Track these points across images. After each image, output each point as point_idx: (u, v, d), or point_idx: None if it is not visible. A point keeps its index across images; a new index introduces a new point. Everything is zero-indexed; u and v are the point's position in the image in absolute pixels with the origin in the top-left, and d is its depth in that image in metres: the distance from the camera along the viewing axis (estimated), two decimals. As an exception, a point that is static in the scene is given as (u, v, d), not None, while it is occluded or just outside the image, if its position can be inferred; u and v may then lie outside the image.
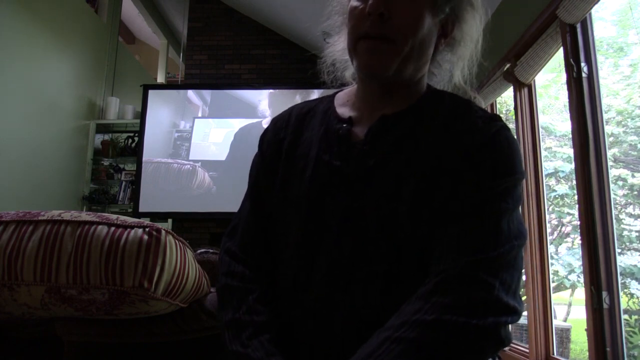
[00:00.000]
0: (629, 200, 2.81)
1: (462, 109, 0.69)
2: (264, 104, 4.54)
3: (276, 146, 0.77)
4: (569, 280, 3.23)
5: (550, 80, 3.21)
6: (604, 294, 1.77)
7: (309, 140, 0.74)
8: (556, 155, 3.32)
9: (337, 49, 0.79)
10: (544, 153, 2.61)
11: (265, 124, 4.48)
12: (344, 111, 0.75)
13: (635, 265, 2.55)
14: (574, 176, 1.99)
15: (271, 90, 4.58)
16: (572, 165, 1.97)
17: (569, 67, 1.99)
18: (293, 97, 4.50)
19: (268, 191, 0.76)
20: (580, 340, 3.28)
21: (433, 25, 0.66)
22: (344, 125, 0.72)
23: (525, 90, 2.58)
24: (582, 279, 1.94)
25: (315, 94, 4.51)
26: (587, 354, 1.85)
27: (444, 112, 0.69)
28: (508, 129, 0.67)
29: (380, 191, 0.65)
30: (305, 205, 0.69)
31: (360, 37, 0.66)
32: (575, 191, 2.01)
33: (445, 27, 0.69)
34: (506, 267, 0.58)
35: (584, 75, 1.95)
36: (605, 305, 1.76)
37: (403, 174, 0.65)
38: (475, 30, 0.71)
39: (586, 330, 1.85)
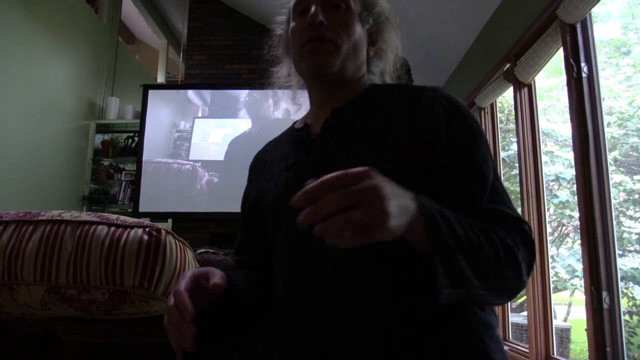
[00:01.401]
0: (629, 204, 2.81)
1: (405, 88, 0.79)
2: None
3: (253, 174, 0.90)
4: (572, 285, 3.23)
5: (553, 86, 3.21)
6: (604, 294, 1.77)
7: (277, 159, 0.83)
8: (556, 161, 3.32)
9: (281, 74, 0.92)
10: (544, 158, 2.61)
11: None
12: (301, 123, 0.85)
13: (637, 269, 2.54)
14: (574, 181, 1.99)
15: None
16: (573, 171, 1.97)
17: (568, 67, 1.99)
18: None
19: (257, 201, 0.85)
20: (580, 340, 3.28)
21: (362, 32, 0.80)
22: (302, 130, 0.82)
23: (525, 90, 2.59)
24: (582, 282, 1.94)
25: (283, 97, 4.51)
26: (587, 354, 1.85)
27: (390, 94, 0.77)
28: (438, 87, 0.75)
29: (344, 167, 0.67)
30: (282, 208, 0.75)
31: (304, 44, 0.76)
32: (575, 196, 2.00)
33: (371, 36, 0.83)
34: (500, 191, 0.68)
35: (584, 75, 1.95)
36: (605, 306, 1.76)
37: (364, 153, 0.70)
38: (395, 40, 0.85)
39: (586, 330, 1.85)
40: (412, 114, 0.71)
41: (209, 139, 4.50)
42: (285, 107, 4.48)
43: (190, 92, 4.63)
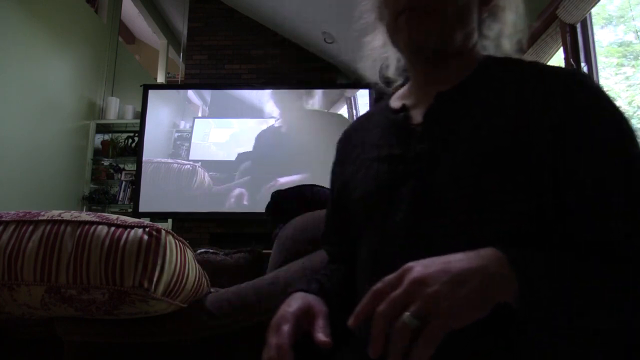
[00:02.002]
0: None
1: (532, 68, 0.62)
2: (270, 105, 4.54)
3: (342, 155, 0.78)
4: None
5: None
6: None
7: (369, 142, 0.71)
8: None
9: (375, 46, 0.76)
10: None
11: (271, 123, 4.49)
12: (398, 103, 0.71)
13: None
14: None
15: (276, 90, 4.58)
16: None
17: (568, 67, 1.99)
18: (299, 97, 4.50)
19: (341, 193, 0.75)
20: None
21: None
22: (400, 114, 0.68)
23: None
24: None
25: (316, 94, 4.51)
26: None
27: (511, 76, 0.62)
28: (584, 74, 0.61)
29: (449, 172, 0.58)
30: (373, 206, 0.65)
31: (398, 13, 0.62)
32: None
33: None
34: None
35: (584, 75, 1.95)
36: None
37: (472, 150, 0.58)
38: None
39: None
40: (540, 106, 0.57)
41: (209, 139, 4.50)
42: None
43: (190, 92, 4.63)
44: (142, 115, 4.47)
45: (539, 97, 0.57)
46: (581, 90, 0.57)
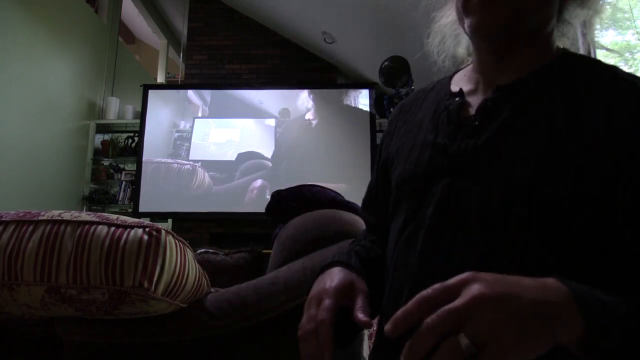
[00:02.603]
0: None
1: (607, 75, 0.55)
2: (269, 105, 4.55)
3: (392, 127, 0.74)
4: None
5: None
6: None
7: (420, 121, 0.67)
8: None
9: (444, 23, 0.71)
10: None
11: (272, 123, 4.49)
12: (457, 86, 0.65)
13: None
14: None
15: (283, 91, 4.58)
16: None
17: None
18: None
19: (384, 166, 0.72)
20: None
21: None
22: (455, 99, 0.63)
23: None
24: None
25: (316, 94, 4.51)
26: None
27: (580, 80, 0.55)
28: None
29: (489, 176, 0.54)
30: (407, 192, 0.63)
31: None
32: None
33: None
34: None
35: (584, 75, 1.95)
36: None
37: (520, 156, 0.53)
38: None
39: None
40: (613, 119, 0.50)
41: (209, 139, 4.50)
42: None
43: (190, 92, 4.63)
44: (142, 115, 4.47)
45: (614, 113, 0.51)
46: None
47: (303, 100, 4.52)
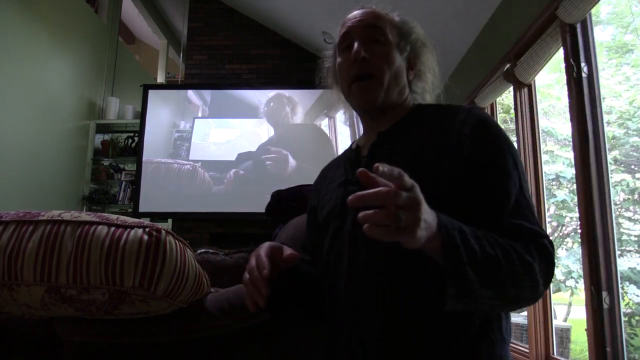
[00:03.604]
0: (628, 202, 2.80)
1: (443, 109, 0.86)
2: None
3: (318, 186, 0.99)
4: (567, 286, 3.22)
5: (553, 80, 3.20)
6: (604, 294, 1.77)
7: (333, 175, 0.94)
8: (557, 159, 3.30)
9: (333, 101, 1.02)
10: (544, 157, 2.61)
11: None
12: (354, 144, 0.94)
13: (633, 269, 2.54)
14: (574, 180, 1.99)
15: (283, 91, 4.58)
16: (573, 170, 1.97)
17: (569, 67, 1.99)
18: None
19: (314, 214, 0.96)
20: (580, 340, 3.27)
21: (401, 60, 0.88)
22: (354, 151, 0.91)
23: (525, 90, 2.58)
24: (580, 283, 1.94)
25: (317, 94, 4.51)
26: (587, 354, 1.85)
27: (430, 115, 0.86)
28: (476, 107, 0.82)
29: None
30: (333, 217, 0.85)
31: (351, 81, 0.85)
32: (574, 195, 2.01)
33: (410, 62, 0.91)
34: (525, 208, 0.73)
35: (584, 75, 1.95)
36: (605, 306, 1.76)
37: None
38: (431, 61, 0.94)
39: (586, 330, 1.85)
40: (445, 134, 0.78)
41: (209, 139, 4.50)
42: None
43: (190, 92, 4.63)
44: (142, 115, 4.47)
45: (445, 130, 0.78)
46: (471, 122, 0.78)
47: (307, 99, 4.52)
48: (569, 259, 3.26)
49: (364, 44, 0.85)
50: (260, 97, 4.56)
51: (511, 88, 2.66)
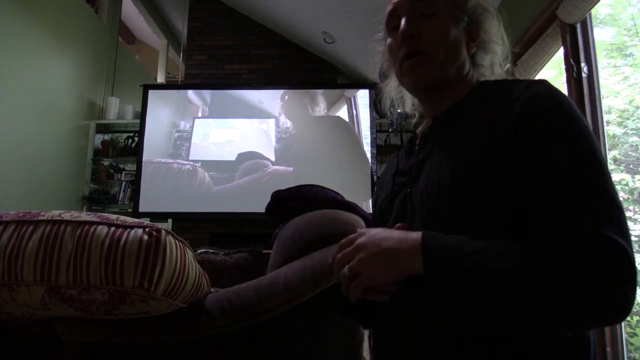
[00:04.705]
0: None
1: (502, 84, 0.75)
2: (269, 105, 4.54)
3: (381, 179, 0.95)
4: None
5: (553, 80, 3.20)
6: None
7: (395, 166, 0.89)
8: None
9: (391, 88, 0.94)
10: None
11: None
12: (415, 133, 0.89)
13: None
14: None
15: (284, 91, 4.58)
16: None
17: (569, 67, 1.99)
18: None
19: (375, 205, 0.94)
20: (580, 340, 3.26)
21: (459, 32, 0.78)
22: (411, 141, 0.86)
23: (525, 90, 2.58)
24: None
25: (317, 94, 4.51)
26: (587, 354, 1.85)
27: (489, 93, 0.75)
28: (539, 82, 0.68)
29: (425, 179, 0.74)
30: (384, 210, 0.84)
31: (402, 60, 0.78)
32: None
33: (471, 33, 0.80)
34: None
35: (584, 75, 1.95)
36: (605, 305, 1.76)
37: (443, 161, 0.72)
38: (497, 28, 0.82)
39: (586, 330, 1.85)
40: (498, 116, 0.67)
41: (209, 139, 4.49)
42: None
43: (190, 92, 4.63)
44: (142, 115, 4.47)
45: (502, 109, 0.68)
46: (522, 102, 0.66)
47: (309, 99, 4.52)
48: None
49: (412, 20, 0.76)
50: (260, 97, 4.56)
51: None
